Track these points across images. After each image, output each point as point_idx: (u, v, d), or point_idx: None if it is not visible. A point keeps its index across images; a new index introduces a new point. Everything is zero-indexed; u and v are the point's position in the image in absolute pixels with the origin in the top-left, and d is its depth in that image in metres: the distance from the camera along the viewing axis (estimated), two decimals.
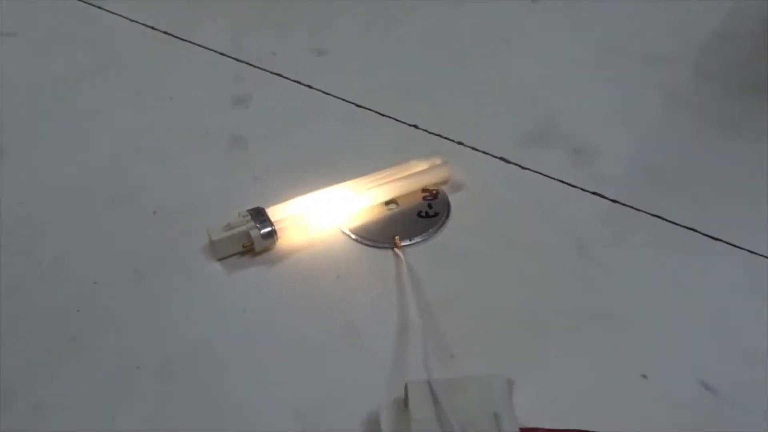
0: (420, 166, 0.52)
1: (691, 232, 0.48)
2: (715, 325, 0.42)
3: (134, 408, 0.38)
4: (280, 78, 0.65)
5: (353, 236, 0.48)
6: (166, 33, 0.71)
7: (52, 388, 0.39)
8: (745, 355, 0.40)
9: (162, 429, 0.37)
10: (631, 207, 0.51)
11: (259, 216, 0.47)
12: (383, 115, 0.60)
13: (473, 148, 0.56)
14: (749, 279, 0.45)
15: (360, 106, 0.61)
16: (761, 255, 0.46)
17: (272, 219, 0.47)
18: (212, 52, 0.69)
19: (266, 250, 0.47)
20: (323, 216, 0.49)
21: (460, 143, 0.57)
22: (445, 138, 0.57)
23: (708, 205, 0.50)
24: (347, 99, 0.62)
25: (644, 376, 0.39)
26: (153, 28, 0.72)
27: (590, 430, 0.36)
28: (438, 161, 0.53)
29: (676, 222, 0.49)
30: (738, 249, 0.47)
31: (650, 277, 0.45)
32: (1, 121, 0.59)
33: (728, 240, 0.48)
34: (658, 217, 0.50)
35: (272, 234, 0.47)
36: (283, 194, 0.50)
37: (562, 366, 0.40)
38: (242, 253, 0.47)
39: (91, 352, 0.41)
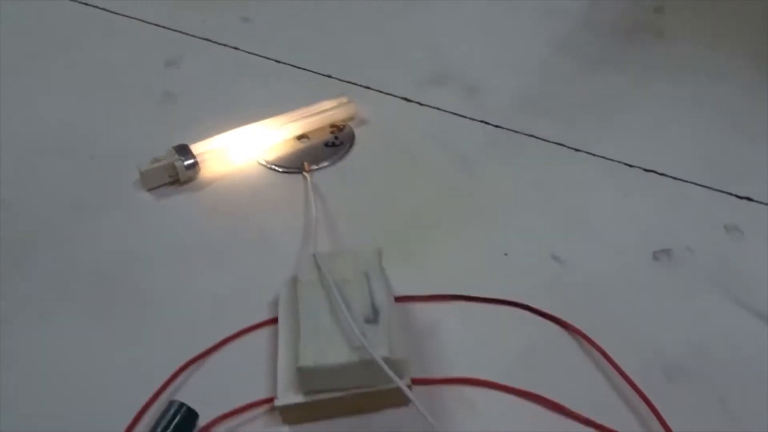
0: (328, 104, 0.59)
1: (558, 146, 0.57)
2: (567, 213, 0.50)
3: (74, 308, 0.44)
4: (209, 42, 0.71)
5: (268, 165, 0.55)
6: (102, 9, 0.77)
7: (5, 298, 0.45)
8: (587, 234, 0.49)
9: (99, 323, 0.43)
10: (511, 130, 0.58)
11: (183, 150, 0.54)
12: (300, 68, 0.67)
13: (378, 91, 0.64)
14: (600, 178, 0.53)
15: (279, 62, 0.68)
16: (612, 160, 0.55)
17: (195, 153, 0.54)
18: (146, 24, 0.75)
19: (190, 180, 0.54)
20: (241, 149, 0.56)
21: (367, 87, 0.64)
22: (354, 84, 0.65)
23: (573, 125, 0.59)
24: (268, 56, 0.69)
25: (506, 254, 0.47)
26: (87, 4, 0.77)
27: (459, 293, 0.44)
28: (345, 100, 0.60)
29: (547, 139, 0.57)
30: (594, 156, 0.55)
31: (519, 181, 0.53)
32: None
33: (588, 150, 0.56)
34: (532, 136, 0.58)
35: (195, 165, 0.53)
36: (207, 136, 0.56)
37: (439, 250, 0.47)
38: (169, 184, 0.54)
39: (37, 270, 0.47)
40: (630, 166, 0.54)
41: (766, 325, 0.41)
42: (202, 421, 0.37)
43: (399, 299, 0.43)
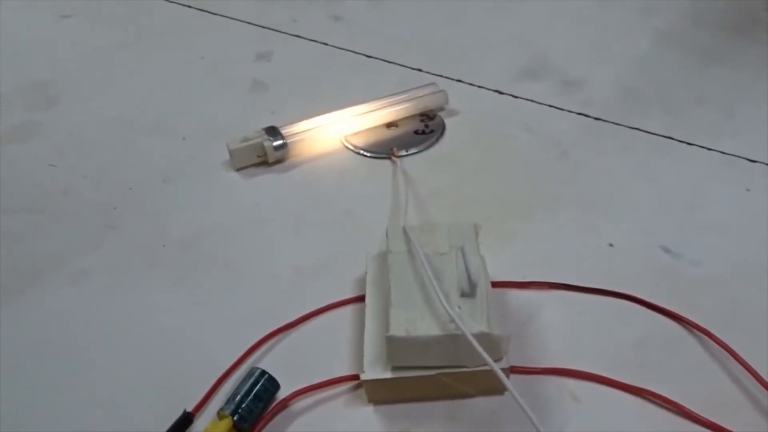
0: (419, 92, 0.58)
1: (667, 139, 0.52)
2: (680, 205, 0.46)
3: (160, 274, 0.44)
4: (300, 38, 0.72)
5: (356, 150, 0.54)
6: (200, 9, 0.80)
7: (94, 259, 0.45)
8: (704, 227, 0.44)
9: (183, 290, 0.43)
10: (613, 122, 0.55)
11: (273, 131, 0.53)
12: (390, 62, 0.66)
13: (470, 84, 0.62)
14: (718, 172, 0.49)
15: (369, 56, 0.67)
16: (730, 154, 0.50)
17: (284, 135, 0.53)
18: (240, 22, 0.76)
19: (279, 161, 0.53)
20: (330, 134, 0.55)
21: (458, 80, 0.62)
22: (445, 77, 0.63)
23: (683, 119, 0.54)
24: (358, 51, 0.68)
25: (611, 245, 0.43)
26: (188, 6, 0.80)
27: (556, 281, 0.40)
28: (436, 89, 0.58)
29: (654, 132, 0.53)
30: (710, 151, 0.50)
31: (623, 172, 0.49)
32: (61, 80, 0.68)
33: (702, 144, 0.51)
34: (637, 129, 0.54)
35: (284, 146, 0.53)
36: (296, 121, 0.56)
37: (536, 238, 0.44)
38: (258, 165, 0.53)
39: (126, 235, 0.47)
40: (752, 161, 0.49)
41: None
42: (283, 393, 0.35)
43: (493, 284, 0.40)
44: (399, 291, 0.34)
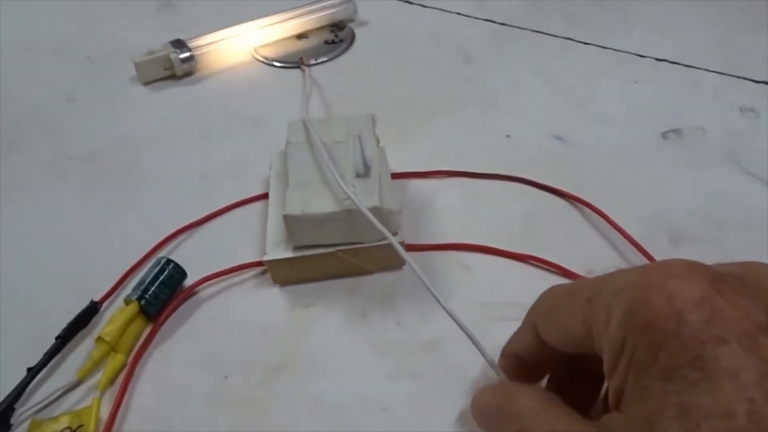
0: (328, 3, 0.58)
1: (566, 40, 0.54)
2: (573, 99, 0.48)
3: (67, 186, 0.44)
4: None
5: (266, 61, 0.54)
6: None
7: None
8: (593, 116, 0.47)
9: (91, 199, 0.43)
10: (517, 27, 0.56)
11: (179, 44, 0.52)
12: None
13: None
14: (609, 68, 0.51)
15: None
16: (622, 51, 0.52)
17: (191, 47, 0.52)
18: None
19: (187, 74, 0.53)
20: (239, 46, 0.54)
21: None
22: None
23: (582, 21, 0.56)
24: None
25: (508, 136, 0.45)
26: None
27: (455, 169, 0.42)
28: (346, 0, 0.58)
29: (554, 34, 0.55)
30: (604, 49, 0.53)
31: (523, 72, 0.51)
32: None
33: (597, 44, 0.54)
34: (539, 32, 0.56)
35: (191, 59, 0.52)
36: (205, 34, 0.55)
37: (437, 132, 0.46)
38: (166, 78, 0.53)
39: (29, 152, 0.46)
40: (641, 56, 0.52)
41: None
42: (190, 281, 0.36)
43: (395, 176, 0.41)
44: (296, 175, 0.36)
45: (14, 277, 0.38)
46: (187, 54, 0.52)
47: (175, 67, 0.52)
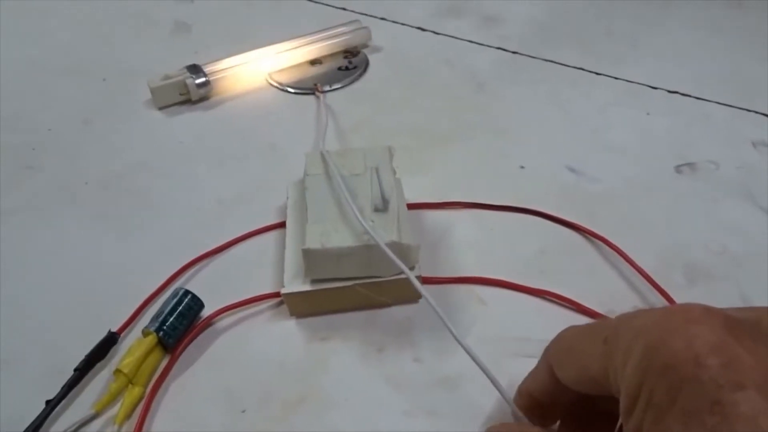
0: (342, 29, 0.58)
1: (578, 70, 0.55)
2: (586, 129, 0.49)
3: (81, 211, 0.44)
4: None
5: (280, 86, 0.54)
6: None
7: (15, 199, 0.45)
8: (606, 147, 0.47)
9: (105, 225, 0.43)
10: (528, 56, 0.57)
11: (195, 69, 0.53)
12: (314, 1, 0.66)
13: (393, 21, 0.62)
14: (622, 99, 0.52)
15: None
16: (634, 82, 0.53)
17: (207, 72, 0.53)
18: None
19: (202, 99, 0.53)
20: (254, 71, 0.55)
21: (383, 18, 0.63)
22: (369, 15, 0.64)
23: (594, 51, 0.57)
24: None
25: (522, 167, 0.46)
26: None
27: (469, 201, 0.43)
28: (359, 26, 0.59)
29: (566, 64, 0.55)
30: (616, 80, 0.53)
31: (536, 101, 0.52)
32: None
33: (609, 74, 0.54)
34: (551, 61, 0.56)
35: (207, 84, 0.52)
36: (220, 59, 0.55)
37: (454, 162, 0.46)
38: (181, 103, 0.53)
39: (46, 175, 0.47)
40: (653, 88, 0.52)
41: None
42: (207, 312, 0.36)
43: (410, 206, 0.42)
44: (315, 208, 0.36)
45: (31, 305, 0.38)
46: (203, 79, 0.52)
47: (190, 92, 0.52)
